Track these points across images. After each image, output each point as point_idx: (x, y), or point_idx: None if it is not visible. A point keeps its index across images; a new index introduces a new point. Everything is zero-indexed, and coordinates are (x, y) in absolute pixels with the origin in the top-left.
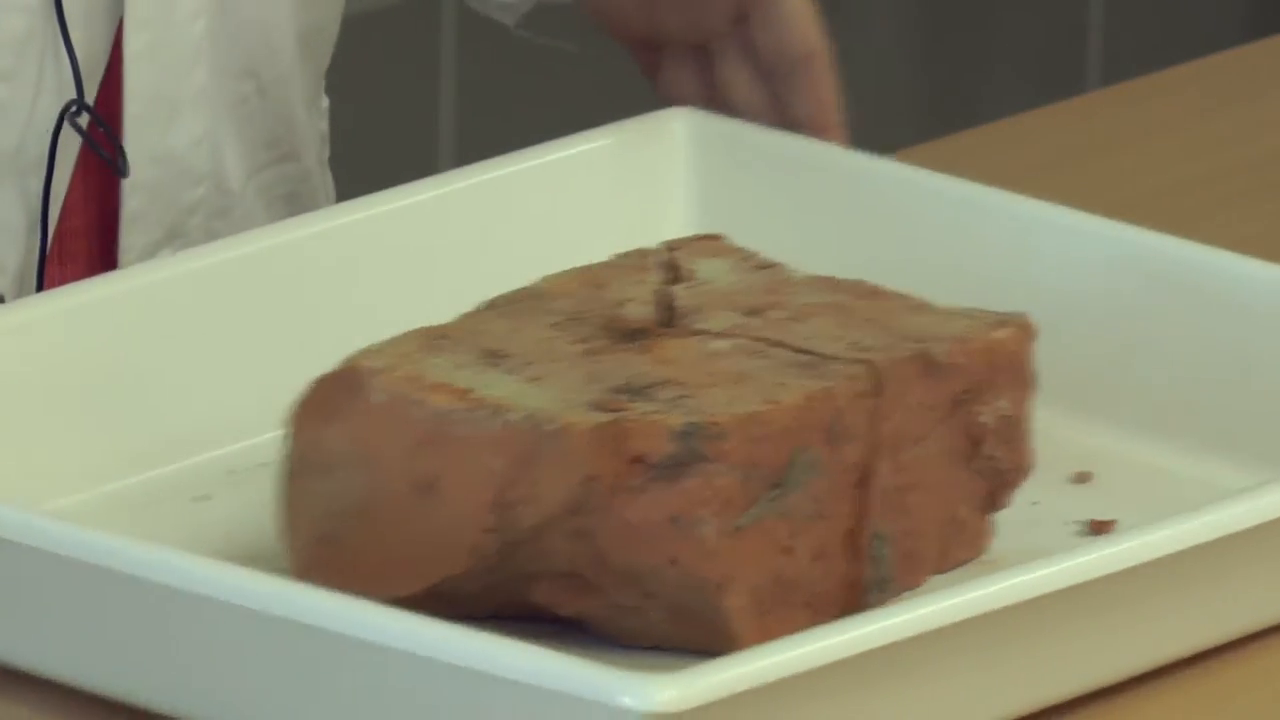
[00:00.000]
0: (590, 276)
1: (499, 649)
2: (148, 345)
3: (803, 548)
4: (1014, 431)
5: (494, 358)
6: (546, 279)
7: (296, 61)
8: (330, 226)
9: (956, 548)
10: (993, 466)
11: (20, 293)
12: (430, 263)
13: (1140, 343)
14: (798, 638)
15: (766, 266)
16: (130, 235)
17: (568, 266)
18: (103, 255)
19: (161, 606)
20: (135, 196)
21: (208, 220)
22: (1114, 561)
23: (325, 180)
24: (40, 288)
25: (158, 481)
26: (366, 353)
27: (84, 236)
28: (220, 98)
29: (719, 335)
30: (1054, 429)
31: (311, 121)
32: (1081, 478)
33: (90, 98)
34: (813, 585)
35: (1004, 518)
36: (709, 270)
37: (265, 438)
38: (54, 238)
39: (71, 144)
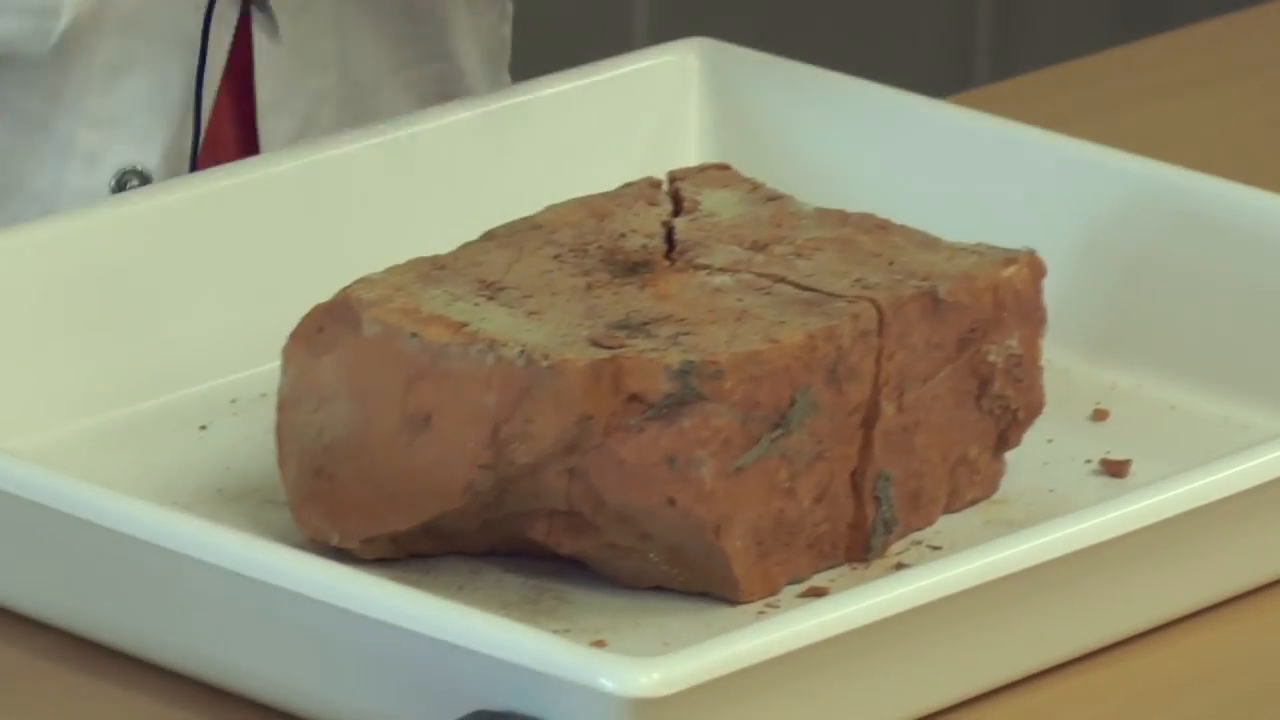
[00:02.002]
0: (593, 207)
1: (480, 624)
2: (153, 270)
3: (804, 489)
4: (1024, 370)
5: (492, 290)
6: (549, 209)
7: None
8: (342, 153)
9: (967, 487)
10: (1002, 405)
11: (170, 174)
12: (436, 192)
13: (1159, 279)
14: (787, 617)
15: (774, 198)
16: (267, 122)
17: (572, 196)
18: (245, 144)
19: (125, 556)
20: (267, 84)
21: (339, 110)
22: (1126, 521)
23: (480, 83)
24: (194, 169)
25: (161, 410)
26: (362, 283)
27: (230, 125)
28: None
29: (721, 270)
30: (1073, 366)
31: (478, 24)
32: (1099, 415)
33: None
34: (815, 527)
35: (1018, 456)
36: (714, 202)
37: (269, 367)
38: (207, 123)
39: (224, 34)
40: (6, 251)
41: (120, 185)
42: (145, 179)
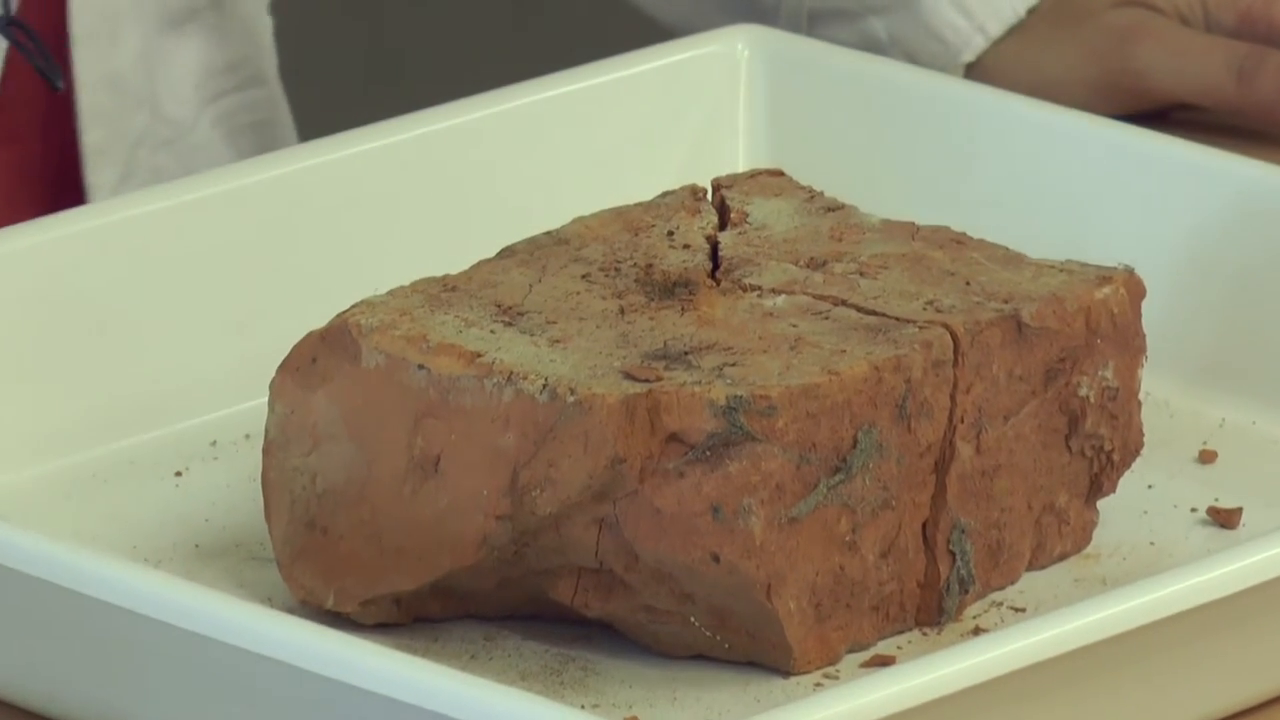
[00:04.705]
0: (627, 220)
1: (496, 698)
2: (122, 297)
3: (868, 542)
4: (1120, 405)
5: (510, 315)
6: (576, 222)
7: None
8: (331, 159)
9: (1054, 540)
10: (1096, 446)
11: None
12: (446, 202)
13: (1274, 300)
14: (848, 689)
15: (834, 209)
16: (96, 173)
17: (602, 207)
18: (63, 196)
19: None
20: (95, 128)
21: (153, 154)
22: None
23: (286, 108)
24: None
25: (131, 453)
26: (362, 307)
27: (24, 171)
28: (158, 6)
29: (773, 292)
30: (1176, 400)
31: (268, 40)
32: (1206, 457)
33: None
34: (881, 586)
35: (1113, 503)
36: (765, 213)
37: (254, 404)
38: None
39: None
40: None
41: None
42: None
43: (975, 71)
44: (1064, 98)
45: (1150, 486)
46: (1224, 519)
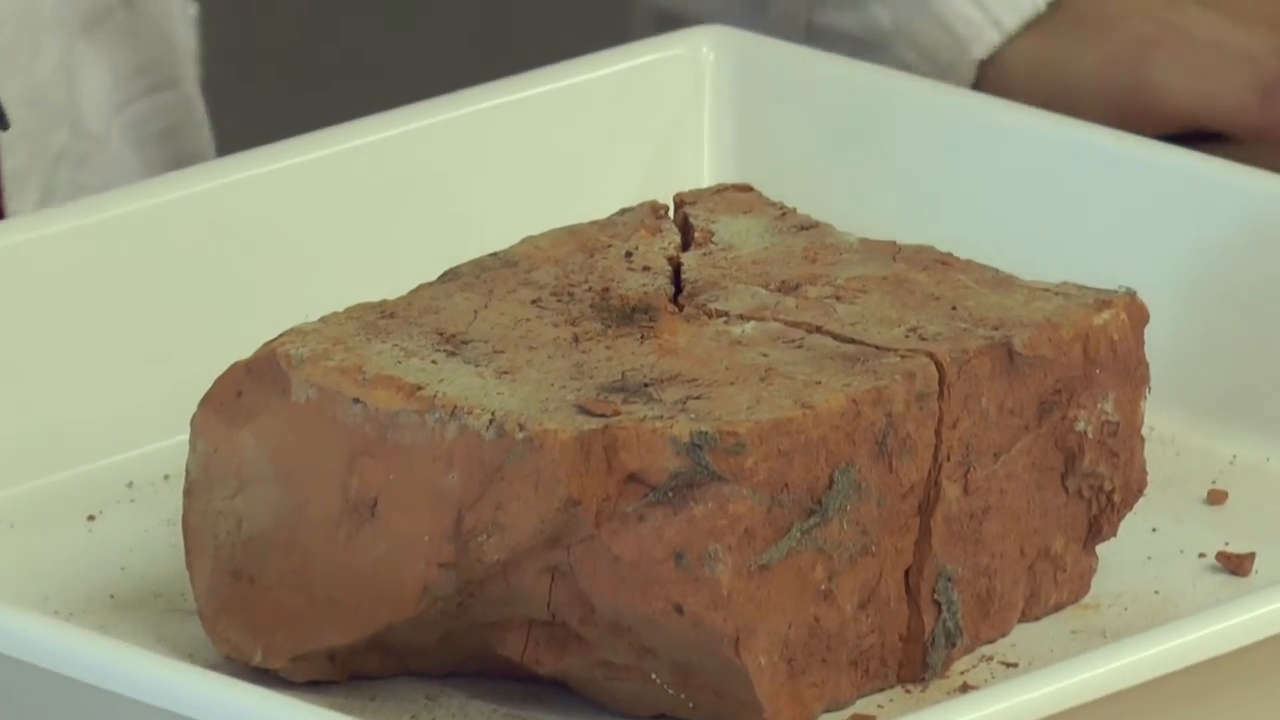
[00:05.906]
0: (581, 239)
1: None
2: (26, 325)
3: (846, 591)
4: (1121, 441)
5: (453, 344)
6: (525, 242)
7: None
8: (258, 173)
9: (1050, 589)
10: (1095, 486)
11: None
12: (383, 221)
13: None
14: None
15: (807, 227)
16: (18, 199)
17: (554, 225)
18: None
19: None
20: (17, 150)
21: (74, 172)
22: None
23: (202, 111)
24: None
25: (39, 495)
26: (291, 335)
27: None
28: (74, 11)
29: (741, 318)
30: (1183, 436)
31: (185, 36)
32: (1215, 498)
33: None
34: (860, 639)
35: (1114, 548)
36: (732, 232)
37: (173, 442)
38: None
39: None
40: None
41: None
42: None
43: (990, 70)
44: (1077, 110)
45: (1154, 530)
46: (1235, 565)
